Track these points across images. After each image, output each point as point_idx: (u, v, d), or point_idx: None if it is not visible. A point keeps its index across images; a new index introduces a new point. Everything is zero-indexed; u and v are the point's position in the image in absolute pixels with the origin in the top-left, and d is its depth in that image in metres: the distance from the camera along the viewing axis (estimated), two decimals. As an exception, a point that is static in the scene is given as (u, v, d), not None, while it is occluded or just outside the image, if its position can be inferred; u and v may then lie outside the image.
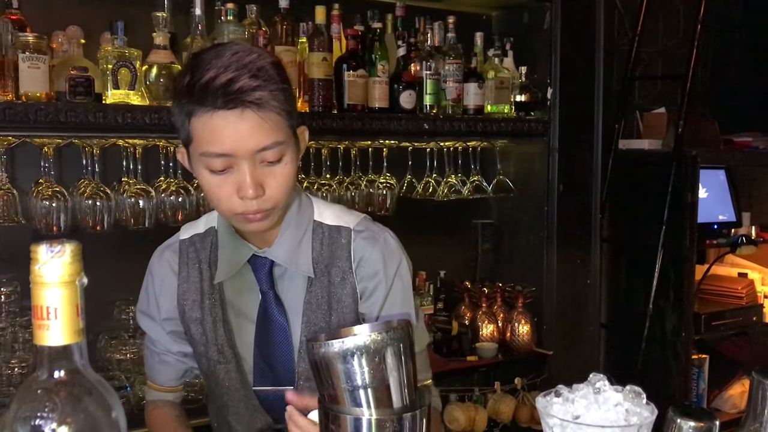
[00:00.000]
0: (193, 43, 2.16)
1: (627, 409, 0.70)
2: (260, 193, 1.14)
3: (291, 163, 1.17)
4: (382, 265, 1.30)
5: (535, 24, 2.86)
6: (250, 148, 1.11)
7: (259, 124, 1.11)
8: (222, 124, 1.10)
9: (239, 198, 1.15)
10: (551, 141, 2.83)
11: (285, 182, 1.17)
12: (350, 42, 2.40)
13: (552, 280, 2.87)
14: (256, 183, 1.13)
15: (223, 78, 1.08)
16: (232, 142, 1.10)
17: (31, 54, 1.91)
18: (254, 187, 1.13)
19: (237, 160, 1.13)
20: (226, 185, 1.15)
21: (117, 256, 2.23)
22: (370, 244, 1.31)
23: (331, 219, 1.33)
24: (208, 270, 1.33)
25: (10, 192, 2.00)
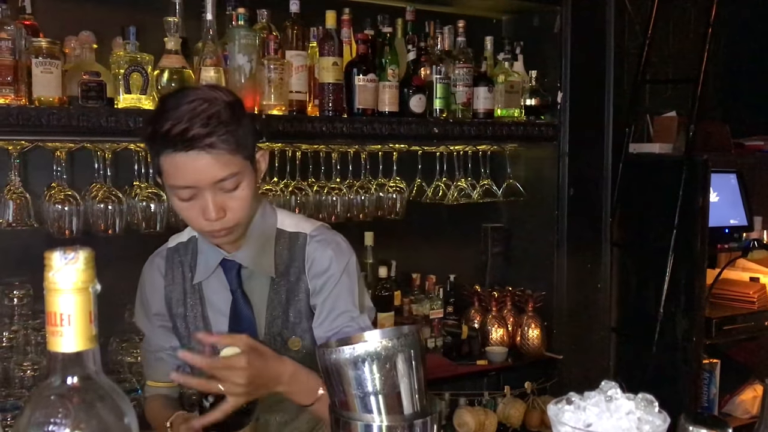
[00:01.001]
0: (204, 47, 2.17)
1: (639, 418, 0.70)
2: (222, 215, 1.35)
3: (247, 187, 1.37)
4: (329, 263, 1.49)
5: (546, 28, 2.85)
6: (208, 181, 1.32)
7: (213, 162, 1.31)
8: (183, 162, 1.30)
9: (205, 220, 1.36)
10: (561, 145, 2.83)
11: (243, 204, 1.38)
12: (360, 46, 2.41)
13: (562, 284, 2.87)
14: (217, 208, 1.34)
15: (179, 128, 1.29)
16: (193, 177, 1.31)
17: (44, 59, 1.93)
18: (216, 211, 1.34)
19: (200, 190, 1.33)
20: (193, 210, 1.36)
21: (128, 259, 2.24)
22: (321, 246, 1.51)
23: (291, 226, 1.53)
24: (190, 272, 1.55)
25: (23, 196, 2.02)
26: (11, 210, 2.01)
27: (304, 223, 1.55)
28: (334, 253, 1.51)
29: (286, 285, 1.51)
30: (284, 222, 1.53)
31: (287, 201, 2.40)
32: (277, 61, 2.25)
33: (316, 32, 2.40)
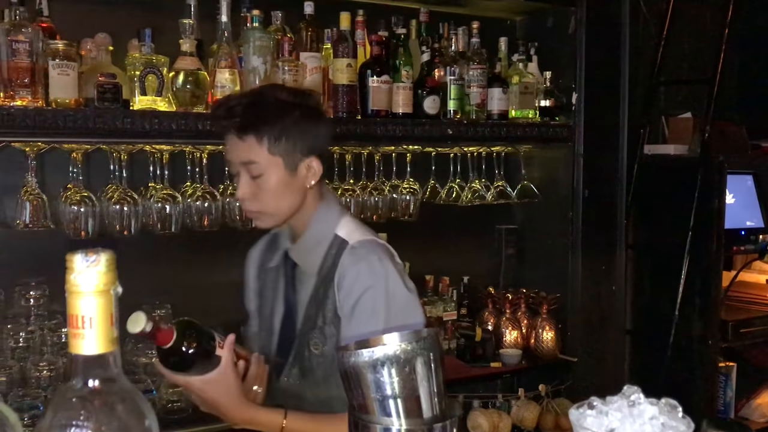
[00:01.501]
0: (219, 49, 2.18)
1: (663, 423, 0.69)
2: (245, 197, 1.52)
3: (271, 182, 1.49)
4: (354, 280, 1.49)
5: (560, 29, 2.84)
6: (233, 160, 1.52)
7: (235, 144, 1.50)
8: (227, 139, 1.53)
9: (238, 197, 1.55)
10: (576, 146, 2.81)
11: (265, 195, 1.50)
12: (374, 48, 2.40)
13: (576, 287, 2.85)
14: (243, 189, 1.51)
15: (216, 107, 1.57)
16: (227, 153, 1.55)
17: (61, 61, 1.94)
18: (241, 191, 1.52)
19: (235, 168, 1.53)
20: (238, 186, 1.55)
21: (143, 260, 2.25)
22: (354, 260, 1.51)
23: (345, 234, 1.56)
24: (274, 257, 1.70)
25: (39, 197, 2.03)
26: (28, 211, 2.02)
27: (357, 233, 1.57)
28: (363, 270, 1.49)
29: (323, 288, 1.56)
30: (342, 229, 1.57)
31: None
32: (292, 63, 2.25)
33: (331, 34, 2.40)
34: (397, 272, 1.50)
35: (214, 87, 2.17)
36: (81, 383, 0.66)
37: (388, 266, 1.50)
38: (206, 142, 2.20)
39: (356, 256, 1.51)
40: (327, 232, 1.56)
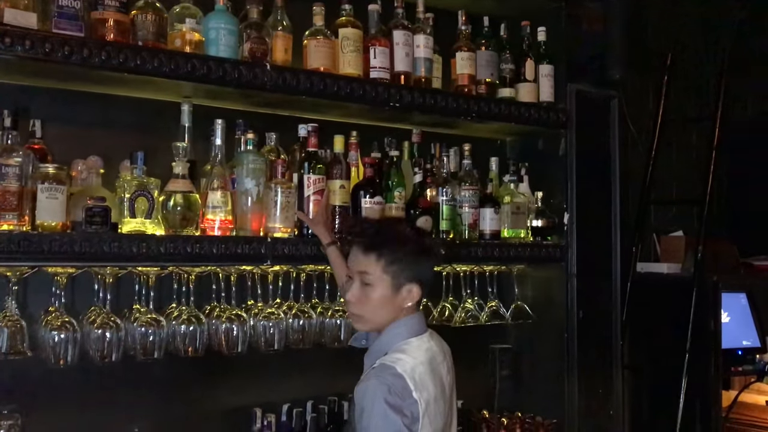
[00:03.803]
0: (212, 171, 2.17)
1: None
2: (353, 300, 1.82)
3: (376, 293, 1.79)
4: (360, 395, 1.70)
5: (550, 149, 2.88)
6: (354, 269, 1.83)
7: (359, 256, 1.81)
8: (351, 252, 1.86)
9: (346, 298, 1.85)
10: (569, 266, 2.79)
11: (369, 302, 1.80)
12: (367, 170, 2.41)
13: (574, 412, 2.76)
14: (352, 293, 1.82)
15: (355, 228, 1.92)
16: (350, 263, 1.86)
17: (50, 184, 1.91)
18: (351, 294, 1.83)
19: (353, 275, 1.84)
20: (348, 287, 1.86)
21: (124, 385, 2.16)
22: (365, 378, 1.74)
23: (387, 355, 1.77)
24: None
25: (18, 323, 1.95)
26: (5, 337, 1.93)
27: (391, 356, 1.75)
28: (362, 390, 1.70)
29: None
30: (393, 353, 1.76)
31: (290, 325, 2.33)
32: (285, 185, 2.24)
33: (324, 155, 2.40)
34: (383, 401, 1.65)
35: (205, 207, 2.15)
36: None
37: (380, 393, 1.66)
38: (195, 264, 2.15)
39: (368, 375, 1.73)
40: (386, 347, 1.80)
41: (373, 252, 1.79)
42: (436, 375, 1.77)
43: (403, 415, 1.64)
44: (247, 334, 2.22)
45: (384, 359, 1.74)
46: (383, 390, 1.65)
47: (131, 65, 1.98)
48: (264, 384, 2.45)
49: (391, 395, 1.65)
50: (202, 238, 2.09)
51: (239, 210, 2.21)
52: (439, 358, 1.82)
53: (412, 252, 1.81)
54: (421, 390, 1.69)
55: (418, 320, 1.87)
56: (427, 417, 1.68)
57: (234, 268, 2.26)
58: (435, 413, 1.73)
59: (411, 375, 1.69)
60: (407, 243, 1.81)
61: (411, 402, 1.66)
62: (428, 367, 1.75)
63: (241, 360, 2.29)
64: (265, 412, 2.37)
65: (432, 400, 1.72)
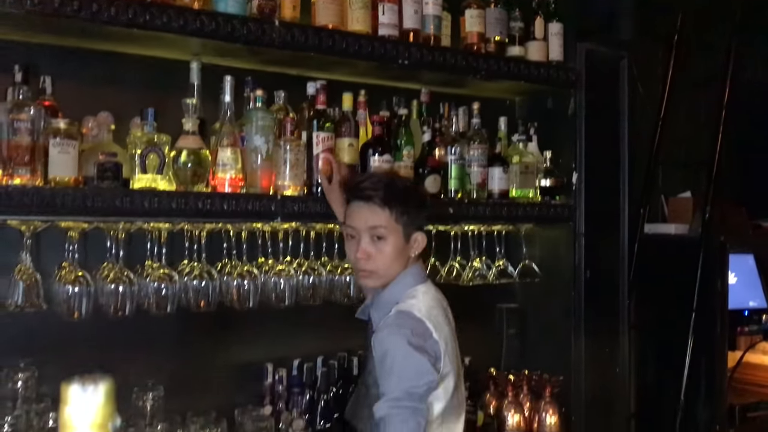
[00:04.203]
0: (221, 128, 2.18)
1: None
2: (365, 257, 1.84)
3: (391, 246, 1.85)
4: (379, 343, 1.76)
5: (559, 109, 2.87)
6: (362, 225, 1.86)
7: (370, 211, 1.85)
8: (354, 208, 1.89)
9: (356, 258, 1.87)
10: (577, 226, 2.80)
11: (383, 256, 1.85)
12: (376, 128, 2.41)
13: (580, 369, 2.78)
14: (363, 250, 1.85)
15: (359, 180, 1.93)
16: (355, 219, 1.88)
17: (62, 139, 1.92)
18: (362, 252, 1.85)
19: (358, 232, 1.86)
20: (353, 248, 1.88)
21: (137, 340, 2.19)
22: (382, 327, 1.79)
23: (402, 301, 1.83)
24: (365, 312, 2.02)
25: (33, 277, 1.98)
26: (21, 291, 1.96)
27: (405, 304, 1.82)
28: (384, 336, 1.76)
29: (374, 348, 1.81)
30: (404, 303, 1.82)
31: (300, 282, 2.35)
32: (294, 142, 2.25)
33: (333, 114, 2.40)
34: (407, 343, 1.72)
35: (215, 165, 2.16)
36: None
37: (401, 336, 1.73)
38: (206, 220, 2.17)
39: (385, 323, 1.79)
40: (396, 296, 1.85)
41: (386, 205, 1.83)
42: (446, 318, 1.89)
43: (428, 354, 1.74)
44: (258, 289, 2.24)
45: (399, 306, 1.81)
46: (405, 333, 1.73)
47: (140, 21, 1.98)
48: (275, 339, 2.48)
49: (414, 336, 1.74)
50: (212, 195, 2.10)
51: (249, 167, 2.21)
52: (444, 304, 1.95)
53: (415, 202, 1.91)
54: (439, 331, 1.79)
55: (421, 268, 1.98)
56: (447, 356, 1.80)
57: (245, 225, 2.28)
58: (453, 353, 1.85)
59: (428, 317, 1.80)
60: (411, 194, 1.93)
61: (432, 342, 1.77)
62: (440, 310, 1.86)
63: (253, 316, 2.31)
64: (277, 366, 2.41)
65: (449, 340, 1.84)
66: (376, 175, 2.01)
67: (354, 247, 1.86)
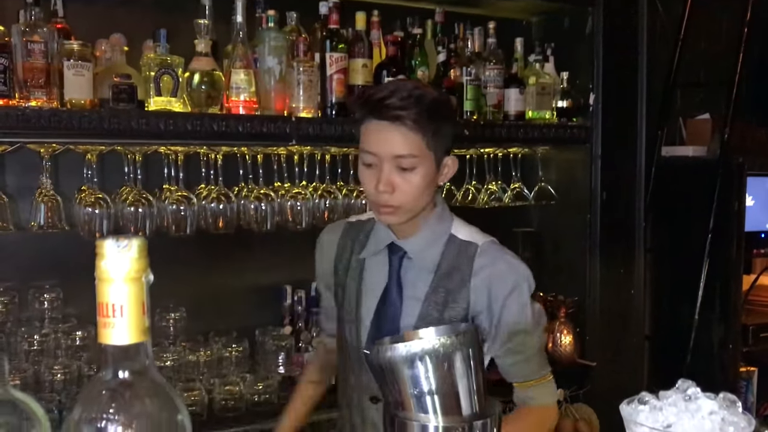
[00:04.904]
0: (234, 50, 2.16)
1: (723, 418, 0.65)
2: (389, 190, 1.44)
3: (421, 176, 1.45)
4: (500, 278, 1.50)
5: (577, 29, 2.81)
6: (388, 152, 1.43)
7: (398, 135, 1.42)
8: (374, 129, 1.45)
9: (375, 190, 1.45)
10: (594, 148, 2.78)
11: (412, 189, 1.45)
12: (390, 48, 2.38)
13: (595, 291, 2.81)
14: (387, 181, 1.44)
15: (380, 95, 1.44)
16: (377, 144, 1.44)
17: (76, 61, 1.92)
18: (385, 185, 1.44)
19: (380, 160, 1.44)
20: (370, 177, 1.47)
21: (158, 262, 2.22)
22: (491, 261, 1.52)
23: (464, 235, 1.56)
24: (359, 248, 1.62)
25: (54, 199, 2.01)
26: (43, 213, 2.00)
27: (477, 234, 1.56)
28: (504, 269, 1.51)
29: (445, 288, 1.52)
30: (458, 230, 1.56)
31: (316, 205, 2.37)
32: (307, 63, 2.23)
33: (346, 34, 2.37)
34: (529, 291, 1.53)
35: (229, 88, 2.15)
36: (110, 375, 0.63)
37: (522, 264, 1.55)
38: (221, 143, 2.17)
39: (492, 257, 1.52)
40: (444, 230, 1.55)
41: (419, 128, 1.42)
42: None
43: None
44: (275, 212, 2.26)
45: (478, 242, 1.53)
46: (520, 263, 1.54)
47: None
48: (294, 262, 2.50)
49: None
50: (227, 116, 2.10)
51: (262, 89, 2.20)
52: None
53: (449, 118, 1.54)
54: None
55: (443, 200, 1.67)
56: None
57: (260, 148, 2.28)
58: None
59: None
60: (444, 108, 1.52)
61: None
62: None
63: (271, 239, 2.34)
64: (295, 288, 2.45)
65: None
66: (402, 85, 1.50)
67: (373, 177, 1.46)
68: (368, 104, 1.46)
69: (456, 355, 0.78)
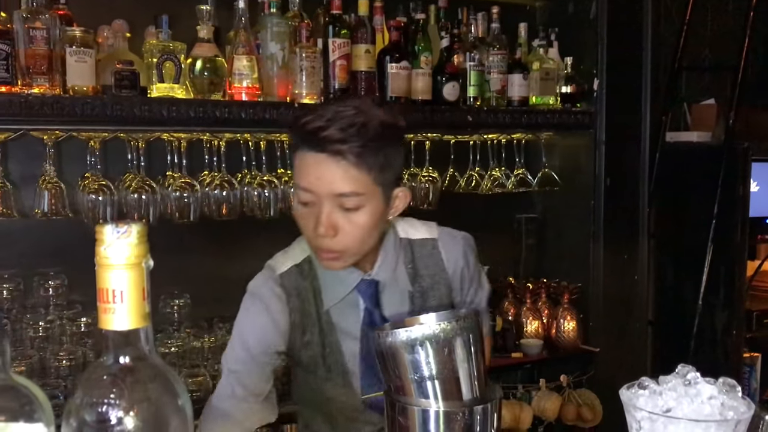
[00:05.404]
0: (236, 36, 2.15)
1: (722, 403, 0.66)
2: (331, 233, 1.25)
3: (369, 215, 1.26)
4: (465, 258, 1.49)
5: (581, 14, 2.79)
6: (327, 190, 1.23)
7: (339, 172, 1.22)
8: (310, 162, 1.24)
9: (314, 234, 1.26)
10: (598, 133, 2.76)
11: (358, 231, 1.26)
12: (393, 34, 2.37)
13: (598, 276, 2.81)
14: (329, 223, 1.24)
15: (315, 125, 1.22)
16: (315, 181, 1.23)
17: (78, 48, 1.92)
18: (326, 227, 1.24)
19: (318, 199, 1.24)
20: (309, 218, 1.27)
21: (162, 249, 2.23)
22: (453, 246, 1.49)
23: (414, 234, 1.47)
24: (313, 297, 1.40)
25: (57, 186, 2.01)
26: (46, 200, 2.00)
27: (423, 227, 1.50)
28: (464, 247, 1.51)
29: (424, 293, 1.45)
30: (406, 230, 1.47)
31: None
32: (310, 49, 2.22)
33: (349, 19, 2.36)
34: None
35: (231, 75, 2.14)
36: (111, 360, 0.63)
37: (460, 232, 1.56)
38: (224, 129, 2.17)
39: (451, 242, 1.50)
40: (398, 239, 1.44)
41: (363, 163, 1.22)
42: None
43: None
44: (279, 197, 2.26)
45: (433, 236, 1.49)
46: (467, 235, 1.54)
47: None
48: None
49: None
50: (230, 103, 2.10)
51: (265, 76, 2.20)
52: None
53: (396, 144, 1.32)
54: None
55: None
56: None
57: (263, 135, 2.28)
58: None
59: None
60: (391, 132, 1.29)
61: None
62: None
63: (274, 225, 2.34)
64: (299, 274, 2.45)
65: None
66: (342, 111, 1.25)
67: (311, 217, 1.26)
68: (302, 131, 1.24)
69: (456, 340, 0.78)
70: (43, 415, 0.63)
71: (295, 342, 1.40)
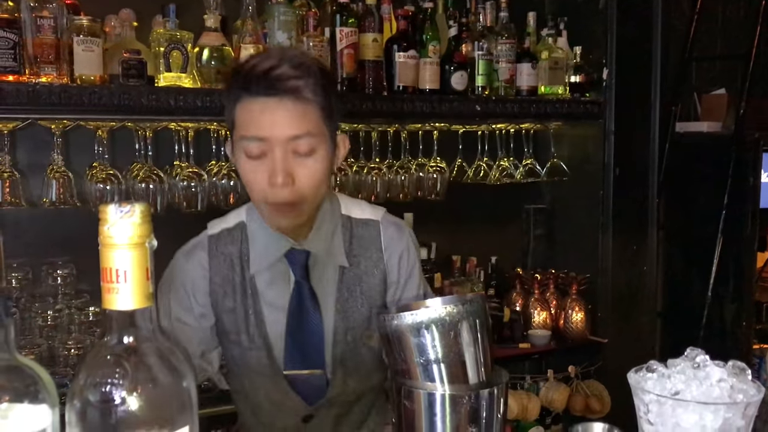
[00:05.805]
0: (243, 25, 2.14)
1: (732, 386, 0.65)
2: (289, 181, 1.19)
3: (322, 160, 1.22)
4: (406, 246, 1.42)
5: (590, 3, 2.77)
6: (282, 134, 1.18)
7: (294, 112, 1.18)
8: (260, 108, 1.18)
9: (270, 186, 1.19)
10: (607, 123, 2.75)
11: (314, 176, 1.21)
12: (401, 22, 2.36)
13: (607, 267, 2.79)
14: (285, 171, 1.18)
15: (265, 65, 1.17)
16: (269, 127, 1.17)
17: (86, 37, 1.92)
18: (283, 175, 1.18)
19: (271, 147, 1.19)
20: (259, 172, 1.20)
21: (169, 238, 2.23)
22: (397, 233, 1.42)
23: (357, 213, 1.41)
24: (239, 263, 1.36)
25: (65, 175, 2.02)
26: (54, 189, 2.01)
27: (369, 208, 1.44)
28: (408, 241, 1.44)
29: (357, 275, 1.38)
30: (349, 208, 1.41)
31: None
32: (317, 38, 2.21)
33: (356, 8, 2.35)
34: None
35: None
36: (115, 340, 0.63)
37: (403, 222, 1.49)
38: (231, 119, 2.16)
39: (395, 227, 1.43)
40: (337, 214, 1.39)
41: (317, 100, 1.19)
42: None
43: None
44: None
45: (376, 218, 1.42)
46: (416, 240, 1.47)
47: None
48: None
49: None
50: (237, 92, 2.09)
51: (273, 65, 2.19)
52: None
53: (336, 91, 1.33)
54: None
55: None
56: None
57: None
58: None
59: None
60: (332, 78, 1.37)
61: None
62: None
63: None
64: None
65: None
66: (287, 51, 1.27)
67: (263, 169, 1.20)
68: (251, 77, 1.18)
69: (462, 324, 0.78)
70: (48, 396, 0.63)
71: (217, 305, 1.36)
